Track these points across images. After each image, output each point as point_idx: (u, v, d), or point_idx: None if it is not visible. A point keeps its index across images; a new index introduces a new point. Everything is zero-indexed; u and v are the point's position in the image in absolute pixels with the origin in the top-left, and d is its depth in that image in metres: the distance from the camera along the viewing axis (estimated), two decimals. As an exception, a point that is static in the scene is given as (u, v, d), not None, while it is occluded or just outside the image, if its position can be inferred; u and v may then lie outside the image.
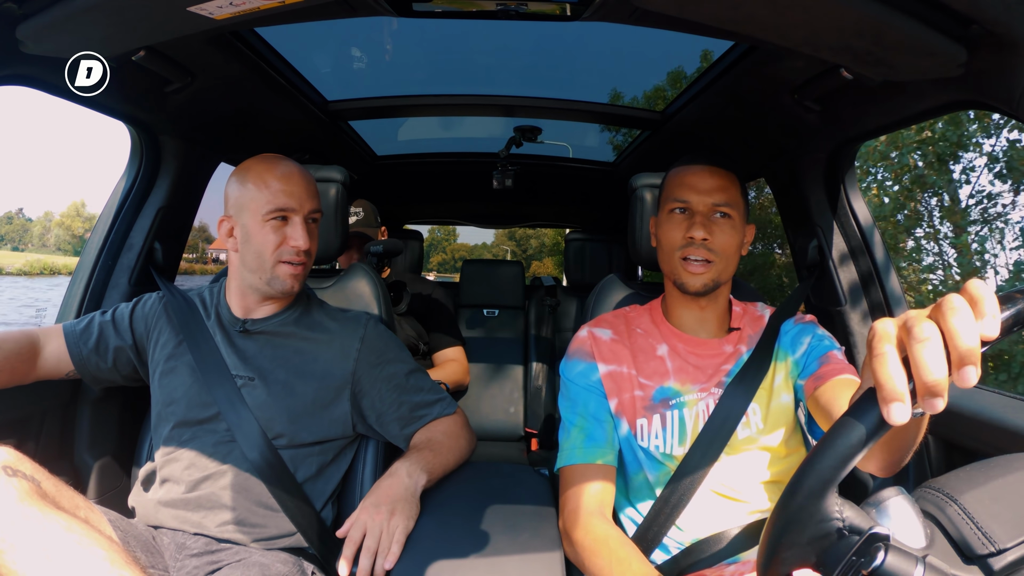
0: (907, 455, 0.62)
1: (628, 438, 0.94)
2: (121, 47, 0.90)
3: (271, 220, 1.00)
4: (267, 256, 1.00)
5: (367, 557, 0.82)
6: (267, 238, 1.00)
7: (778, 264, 7.87)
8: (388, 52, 1.62)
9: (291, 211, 1.00)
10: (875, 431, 0.40)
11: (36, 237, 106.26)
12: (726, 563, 0.87)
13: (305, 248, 1.01)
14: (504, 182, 2.00)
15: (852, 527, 0.43)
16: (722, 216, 0.94)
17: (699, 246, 0.92)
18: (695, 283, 0.93)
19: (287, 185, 1.00)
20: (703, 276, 0.93)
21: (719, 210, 0.93)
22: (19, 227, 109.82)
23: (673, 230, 0.95)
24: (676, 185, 0.97)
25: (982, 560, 0.45)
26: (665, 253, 0.97)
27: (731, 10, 0.74)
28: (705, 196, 0.93)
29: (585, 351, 1.00)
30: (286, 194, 0.99)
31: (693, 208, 0.94)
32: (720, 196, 0.93)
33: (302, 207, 1.01)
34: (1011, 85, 0.76)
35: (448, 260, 68.00)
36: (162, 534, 0.97)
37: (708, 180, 0.94)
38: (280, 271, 1.01)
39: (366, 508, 0.87)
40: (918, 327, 0.38)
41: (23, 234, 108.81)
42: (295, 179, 1.01)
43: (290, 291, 1.03)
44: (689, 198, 0.94)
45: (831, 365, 0.88)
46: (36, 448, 1.13)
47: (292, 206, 1.00)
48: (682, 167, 0.98)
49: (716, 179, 0.94)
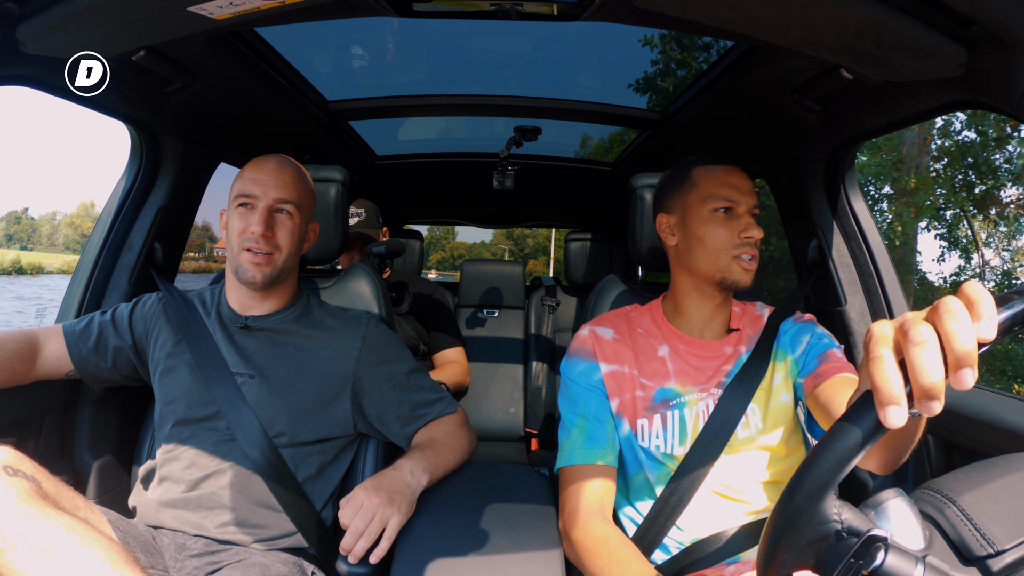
0: (905, 453, 0.62)
1: (629, 438, 0.94)
2: (121, 47, 0.90)
3: (238, 207, 1.02)
4: (234, 242, 1.02)
5: (352, 536, 0.83)
6: (234, 224, 1.02)
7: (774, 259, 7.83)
8: (389, 52, 1.62)
9: (253, 198, 1.01)
10: (872, 434, 0.40)
11: (44, 237, 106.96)
12: (726, 563, 0.87)
13: (261, 234, 0.99)
14: (504, 182, 1.99)
15: (851, 529, 0.43)
16: (754, 217, 0.97)
17: (753, 245, 0.96)
18: (747, 279, 0.96)
19: (256, 173, 1.02)
20: (752, 272, 0.97)
21: (754, 211, 0.97)
22: (27, 227, 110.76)
23: (720, 229, 0.96)
24: (718, 184, 0.97)
25: (981, 561, 0.45)
26: (712, 252, 0.96)
27: (731, 10, 0.74)
28: (748, 197, 0.97)
29: (587, 350, 1.00)
30: (252, 181, 1.01)
31: (737, 209, 0.96)
32: (754, 198, 0.98)
33: (266, 195, 1.01)
34: (1011, 85, 0.76)
35: (447, 258, 68.12)
36: (162, 534, 0.97)
37: (747, 181, 0.98)
38: (243, 258, 1.00)
39: (365, 488, 0.88)
40: (914, 330, 0.38)
41: (31, 234, 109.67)
42: (266, 169, 1.02)
43: (252, 280, 1.01)
44: (736, 198, 0.96)
45: (830, 363, 0.88)
46: (36, 448, 1.13)
47: (255, 192, 1.01)
48: (712, 166, 0.99)
49: (749, 181, 0.98)
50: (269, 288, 1.05)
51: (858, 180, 1.34)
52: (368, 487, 0.88)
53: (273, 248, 1.01)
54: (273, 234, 1.01)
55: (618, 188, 1.65)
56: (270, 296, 1.08)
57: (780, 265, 7.57)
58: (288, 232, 1.03)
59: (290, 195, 1.02)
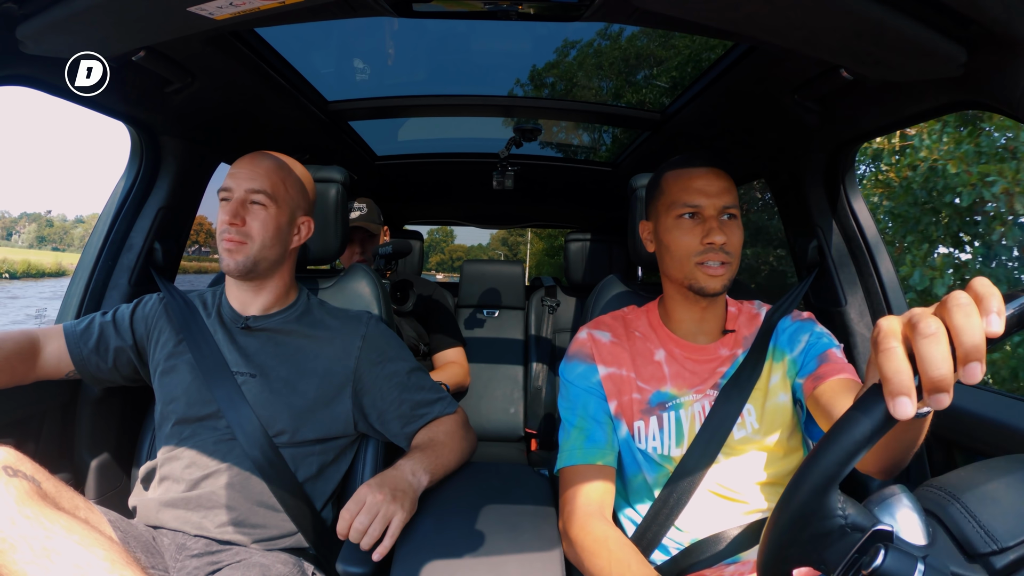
0: (907, 458, 0.62)
1: (627, 440, 0.94)
2: (121, 47, 0.90)
3: (222, 201, 1.04)
4: (217, 235, 1.04)
5: (356, 533, 0.83)
6: (218, 218, 1.04)
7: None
8: (390, 54, 1.62)
9: (229, 191, 1.03)
10: (881, 426, 0.40)
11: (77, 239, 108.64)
12: (725, 563, 0.87)
13: (229, 222, 1.01)
14: (504, 182, 1.99)
15: (855, 524, 0.43)
16: (729, 217, 0.93)
17: (717, 251, 0.92)
18: (714, 285, 0.93)
19: (237, 167, 1.04)
20: (722, 278, 0.93)
21: (728, 211, 0.93)
22: (59, 229, 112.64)
23: (685, 236, 0.93)
24: (682, 189, 0.94)
25: (984, 558, 0.45)
26: (677, 259, 0.95)
27: (731, 10, 0.74)
28: (715, 199, 0.92)
29: (585, 353, 1.00)
30: (230, 176, 1.04)
31: (704, 212, 0.93)
32: (727, 198, 0.93)
33: (239, 186, 1.03)
34: (1011, 85, 0.76)
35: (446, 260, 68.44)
36: (162, 535, 0.97)
37: (715, 182, 0.93)
38: (220, 248, 1.03)
39: (369, 486, 0.88)
40: (924, 323, 0.38)
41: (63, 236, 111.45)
42: (242, 162, 1.05)
43: (228, 269, 1.03)
44: (700, 202, 0.93)
45: (830, 364, 0.88)
46: (36, 448, 1.13)
47: (229, 185, 1.03)
48: (682, 169, 0.96)
49: (721, 180, 0.94)
50: (251, 279, 1.05)
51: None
52: (372, 484, 0.88)
53: (244, 237, 1.02)
54: (244, 223, 1.02)
55: (618, 188, 1.65)
56: (268, 294, 1.08)
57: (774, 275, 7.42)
58: (260, 222, 1.03)
59: (262, 185, 1.03)
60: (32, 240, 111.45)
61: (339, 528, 0.84)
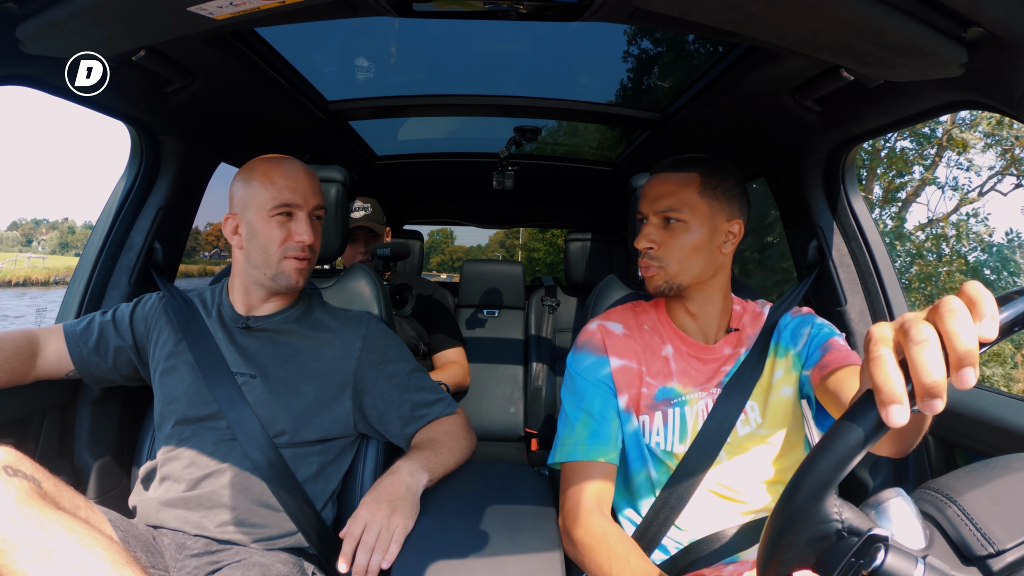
0: (917, 439, 0.64)
1: (636, 434, 0.94)
2: (121, 47, 0.90)
3: (276, 215, 1.01)
4: (273, 251, 1.02)
5: (364, 553, 0.83)
6: (272, 233, 1.01)
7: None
8: (391, 54, 1.62)
9: (295, 207, 1.02)
10: (873, 433, 0.40)
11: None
12: (724, 563, 0.87)
13: (309, 243, 1.02)
14: (504, 182, 1.99)
15: (851, 528, 0.43)
16: (675, 221, 0.95)
17: (643, 254, 0.97)
18: (648, 286, 0.98)
19: (292, 182, 1.02)
20: (652, 280, 0.97)
21: (667, 216, 0.95)
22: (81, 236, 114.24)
23: (637, 240, 0.98)
24: (640, 195, 1.01)
25: (981, 561, 0.45)
26: (637, 262, 1.01)
27: (731, 10, 0.74)
28: (652, 203, 0.97)
29: (596, 344, 1.00)
30: (291, 190, 1.01)
31: (647, 217, 0.98)
32: (665, 202, 0.95)
33: (307, 203, 1.03)
34: (1011, 85, 0.76)
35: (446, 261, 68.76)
36: (162, 534, 0.97)
37: (657, 188, 0.97)
38: (285, 266, 1.02)
39: (367, 504, 0.88)
40: (915, 329, 0.38)
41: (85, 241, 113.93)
42: (300, 176, 1.03)
43: (295, 286, 1.04)
44: (642, 208, 0.99)
45: (834, 353, 0.88)
46: (36, 448, 1.13)
47: (296, 201, 1.01)
48: (647, 177, 1.02)
49: (666, 185, 0.96)
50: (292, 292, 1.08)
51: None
52: (369, 501, 0.88)
53: (312, 253, 1.05)
54: (314, 240, 1.04)
55: (618, 188, 1.65)
56: (280, 299, 1.09)
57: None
58: (319, 236, 1.07)
59: (322, 200, 1.06)
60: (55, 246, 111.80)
61: (344, 551, 0.83)
